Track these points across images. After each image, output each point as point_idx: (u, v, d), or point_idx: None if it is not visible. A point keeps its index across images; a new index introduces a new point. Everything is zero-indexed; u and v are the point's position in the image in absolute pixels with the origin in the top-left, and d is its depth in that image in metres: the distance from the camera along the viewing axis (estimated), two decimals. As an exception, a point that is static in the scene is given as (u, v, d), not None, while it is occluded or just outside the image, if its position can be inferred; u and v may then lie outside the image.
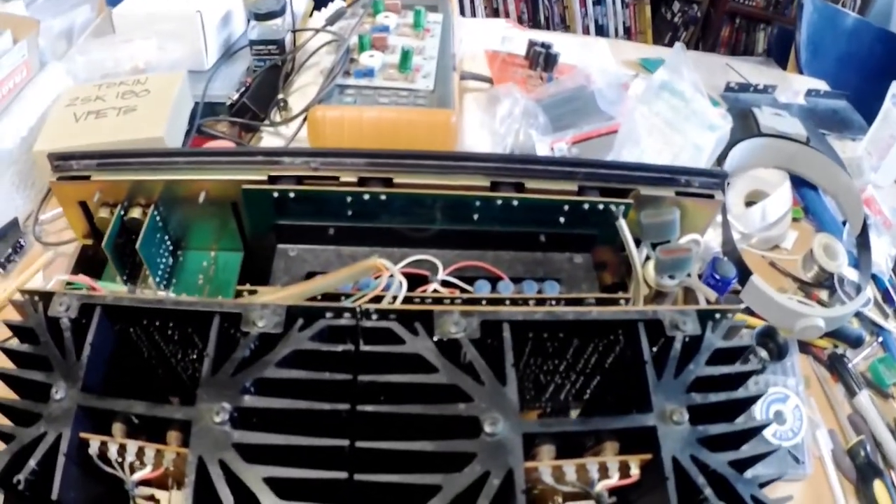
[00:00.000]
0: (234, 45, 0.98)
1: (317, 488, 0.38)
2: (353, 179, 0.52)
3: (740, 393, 0.42)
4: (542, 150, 0.73)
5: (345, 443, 0.38)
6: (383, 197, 0.51)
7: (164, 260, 0.57)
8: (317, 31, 0.90)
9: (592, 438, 0.41)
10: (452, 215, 0.54)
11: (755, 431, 0.41)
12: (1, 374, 0.44)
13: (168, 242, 0.58)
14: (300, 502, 0.36)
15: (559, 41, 0.96)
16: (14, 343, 0.45)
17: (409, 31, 0.86)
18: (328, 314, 0.43)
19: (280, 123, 0.85)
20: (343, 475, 0.37)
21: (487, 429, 0.37)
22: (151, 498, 0.42)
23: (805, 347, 0.75)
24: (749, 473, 0.39)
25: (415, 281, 0.50)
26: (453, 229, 0.54)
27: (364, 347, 0.42)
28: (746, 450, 0.40)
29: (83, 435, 0.40)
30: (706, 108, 0.76)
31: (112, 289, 0.53)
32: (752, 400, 0.43)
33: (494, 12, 2.13)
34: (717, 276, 0.69)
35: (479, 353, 0.41)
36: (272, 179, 0.52)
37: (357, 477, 0.37)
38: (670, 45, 1.93)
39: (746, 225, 0.84)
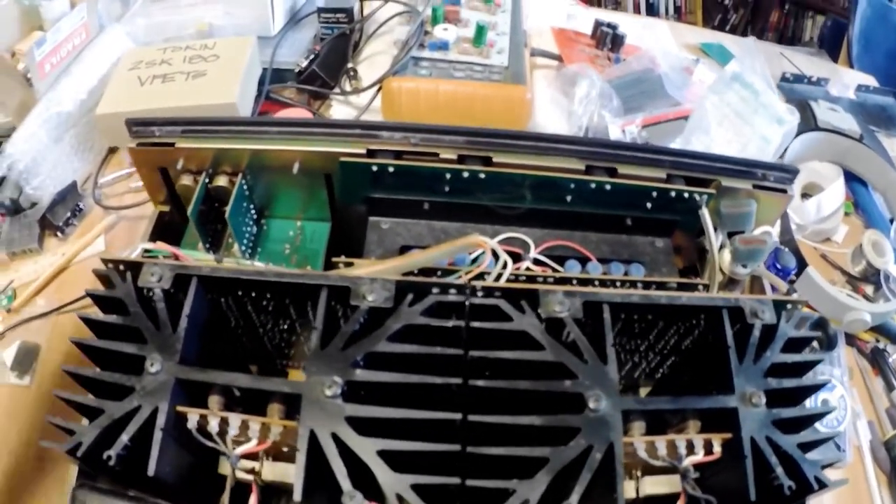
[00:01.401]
0: (299, 11, 0.96)
1: (428, 461, 0.38)
2: (453, 156, 0.52)
3: (807, 380, 0.44)
4: (615, 132, 0.73)
5: (457, 416, 0.39)
6: (482, 175, 0.52)
7: (248, 228, 0.57)
8: (386, 0, 0.89)
9: (678, 417, 0.43)
10: (546, 195, 0.54)
11: (820, 416, 0.44)
12: (83, 345, 0.43)
13: (253, 211, 0.58)
14: (414, 474, 0.37)
15: (620, 21, 0.95)
16: (96, 313, 0.44)
17: (480, 5, 0.86)
18: (434, 290, 0.44)
19: (352, 93, 0.84)
20: (456, 448, 0.38)
21: (591, 405, 0.39)
22: (252, 471, 0.42)
23: (850, 339, 0.76)
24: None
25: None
26: (544, 209, 0.55)
27: (473, 324, 0.42)
28: (807, 434, 0.42)
29: (180, 409, 0.40)
30: (775, 102, 0.76)
31: (197, 257, 0.53)
32: (818, 387, 0.45)
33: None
34: (779, 266, 0.71)
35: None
36: (370, 153, 0.52)
37: (469, 449, 0.38)
38: (720, 27, 1.92)
39: (802, 217, 0.84)
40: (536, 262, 0.53)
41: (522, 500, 0.36)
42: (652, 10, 2.18)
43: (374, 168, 0.51)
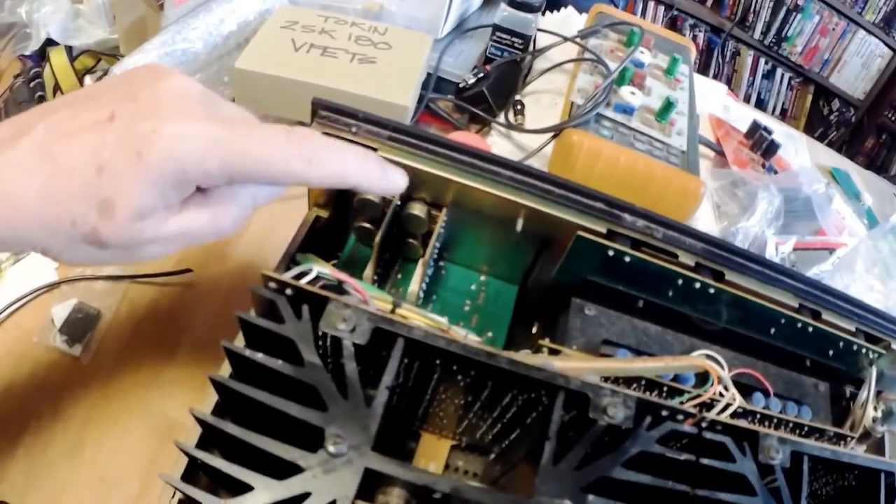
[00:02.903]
0: (467, 20, 0.91)
1: None
2: (690, 262, 0.48)
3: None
4: (770, 249, 0.71)
5: None
6: (712, 290, 0.48)
7: (429, 270, 0.51)
8: (567, 39, 0.84)
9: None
10: (754, 322, 0.50)
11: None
12: (230, 389, 0.35)
13: (436, 251, 0.52)
14: None
15: (761, 120, 0.93)
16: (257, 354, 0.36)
17: (661, 76, 0.81)
18: (664, 412, 0.40)
19: (519, 128, 0.78)
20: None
21: None
22: None
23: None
24: None
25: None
26: (742, 333, 0.51)
27: (703, 460, 0.39)
28: None
29: None
30: (921, 262, 0.76)
31: (374, 294, 0.45)
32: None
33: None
34: (892, 426, 0.71)
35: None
36: (610, 234, 0.47)
37: None
38: (819, 140, 1.96)
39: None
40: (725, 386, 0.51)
41: None
42: (760, 106, 2.23)
43: (611, 252, 0.47)
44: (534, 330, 0.54)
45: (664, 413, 0.40)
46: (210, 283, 0.63)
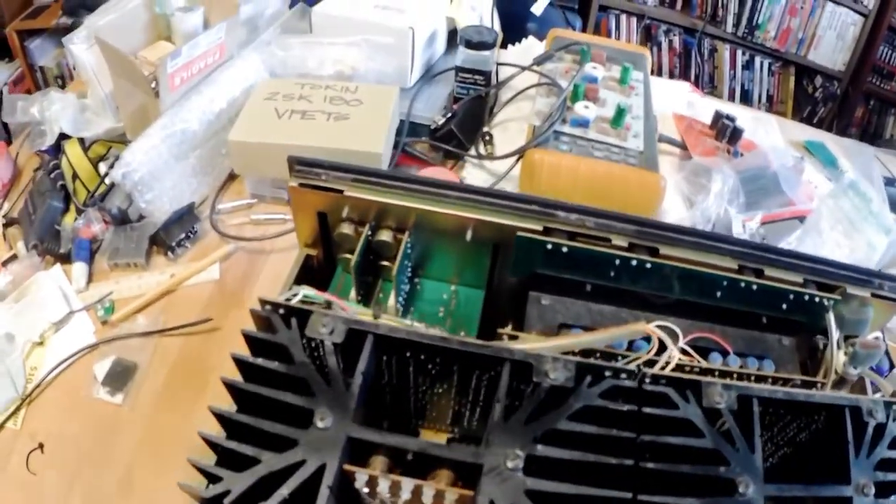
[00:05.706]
0: (434, 67, 0.99)
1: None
2: (624, 244, 0.54)
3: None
4: (737, 227, 0.75)
5: (628, 496, 0.41)
6: (649, 265, 0.54)
7: (404, 286, 0.59)
8: (524, 68, 0.91)
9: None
10: (699, 289, 0.56)
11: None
12: (237, 388, 0.43)
13: (409, 269, 0.60)
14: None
15: (734, 112, 0.97)
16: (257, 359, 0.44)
17: (616, 86, 0.88)
18: (607, 373, 0.46)
19: (489, 157, 0.85)
20: (626, 524, 0.40)
21: (741, 489, 0.42)
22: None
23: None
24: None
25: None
26: (693, 301, 0.57)
27: (645, 409, 0.45)
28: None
29: (348, 467, 0.40)
30: (885, 212, 0.79)
31: (356, 309, 0.53)
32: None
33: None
34: (874, 367, 0.73)
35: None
36: (546, 231, 0.54)
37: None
38: (809, 118, 1.99)
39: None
40: (683, 351, 0.56)
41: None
42: (746, 97, 2.26)
43: (549, 246, 0.53)
44: (507, 328, 0.60)
45: (607, 374, 0.46)
46: (231, 326, 0.71)
